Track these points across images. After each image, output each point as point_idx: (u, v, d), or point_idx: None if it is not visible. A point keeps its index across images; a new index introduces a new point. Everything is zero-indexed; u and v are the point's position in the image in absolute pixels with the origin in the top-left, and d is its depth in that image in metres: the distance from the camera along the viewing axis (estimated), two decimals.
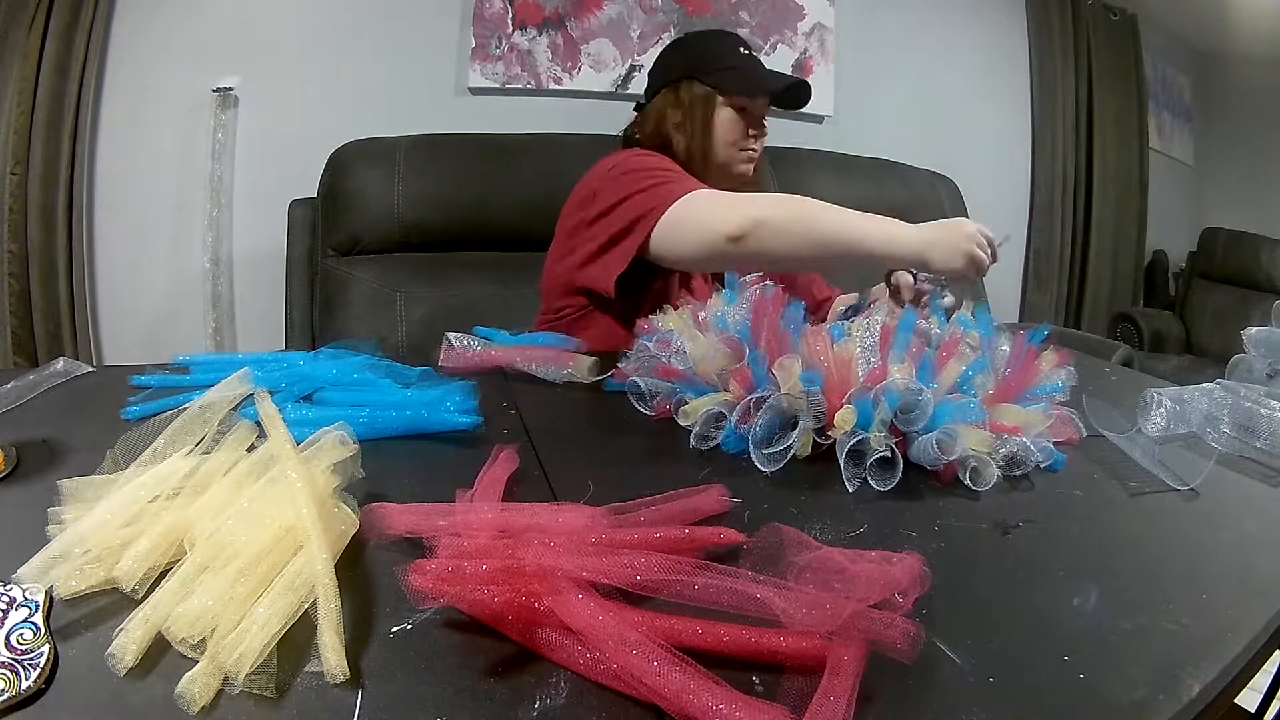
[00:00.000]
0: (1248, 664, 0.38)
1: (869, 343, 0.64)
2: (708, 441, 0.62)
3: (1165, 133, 3.33)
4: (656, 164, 1.03)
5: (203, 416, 0.57)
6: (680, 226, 0.93)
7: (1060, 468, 0.61)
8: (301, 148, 1.80)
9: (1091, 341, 2.27)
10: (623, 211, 0.97)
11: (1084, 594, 0.43)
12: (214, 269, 1.89)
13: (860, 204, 0.95)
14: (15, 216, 1.67)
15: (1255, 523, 0.54)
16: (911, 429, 0.58)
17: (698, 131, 1.09)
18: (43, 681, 0.32)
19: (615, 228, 0.97)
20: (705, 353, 0.66)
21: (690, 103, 1.10)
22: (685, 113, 1.10)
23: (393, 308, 1.62)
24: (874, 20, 2.45)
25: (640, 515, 0.46)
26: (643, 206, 0.95)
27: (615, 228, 0.97)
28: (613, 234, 0.97)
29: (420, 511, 0.45)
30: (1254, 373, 0.77)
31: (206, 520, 0.42)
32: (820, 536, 0.46)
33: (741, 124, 1.10)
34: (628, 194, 0.97)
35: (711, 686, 0.32)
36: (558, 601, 0.36)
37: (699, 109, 1.09)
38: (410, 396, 0.65)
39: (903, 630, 0.34)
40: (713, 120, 1.10)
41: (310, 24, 1.91)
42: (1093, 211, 2.95)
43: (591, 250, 1.00)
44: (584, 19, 2.12)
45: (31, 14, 1.63)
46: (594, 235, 1.00)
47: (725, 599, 0.37)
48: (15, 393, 0.66)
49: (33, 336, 1.73)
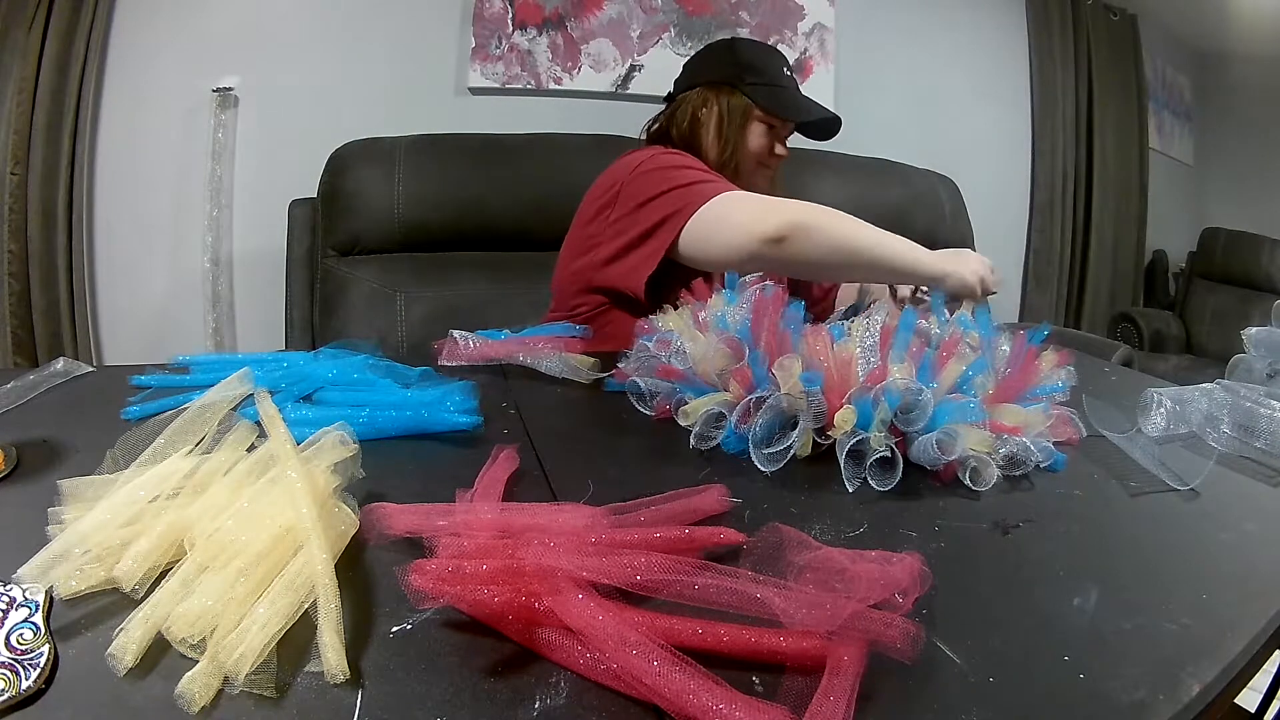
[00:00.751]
0: (1248, 664, 0.38)
1: (869, 343, 0.64)
2: (708, 441, 0.62)
3: (1165, 133, 3.33)
4: (687, 163, 1.03)
5: (203, 416, 0.57)
6: (715, 226, 0.93)
7: (1060, 468, 0.61)
8: (301, 148, 1.80)
9: (1091, 341, 2.27)
10: (652, 209, 0.96)
11: (1084, 594, 0.43)
12: (214, 269, 1.89)
13: (860, 204, 0.96)
14: (15, 216, 1.67)
15: (1255, 523, 0.54)
16: (911, 429, 0.58)
17: (730, 138, 1.10)
18: (43, 681, 0.32)
19: (643, 225, 0.96)
20: (705, 353, 0.66)
21: (728, 109, 1.10)
22: (720, 118, 1.10)
23: (393, 308, 1.62)
24: (874, 20, 2.45)
25: (640, 515, 0.46)
26: (674, 205, 0.95)
27: (643, 225, 0.96)
28: (641, 232, 0.96)
29: (420, 511, 0.45)
30: (1254, 373, 0.77)
31: (206, 520, 0.42)
32: (820, 536, 0.46)
33: (768, 141, 1.11)
34: (658, 191, 0.96)
35: (711, 686, 0.32)
36: (558, 601, 0.36)
37: (735, 118, 1.10)
38: (410, 396, 0.65)
39: (903, 630, 0.34)
40: (745, 132, 1.10)
41: (310, 24, 1.91)
42: (1093, 211, 2.95)
43: (617, 248, 0.99)
44: (584, 19, 2.12)
45: (31, 14, 1.63)
46: (619, 232, 0.99)
47: (725, 599, 0.37)
48: (15, 393, 0.66)
49: (33, 336, 1.73)
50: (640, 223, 0.97)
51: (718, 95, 1.10)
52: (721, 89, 1.10)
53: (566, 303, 1.08)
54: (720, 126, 1.10)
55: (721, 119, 1.10)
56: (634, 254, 0.97)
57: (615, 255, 0.99)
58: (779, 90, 1.11)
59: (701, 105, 1.11)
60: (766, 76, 1.11)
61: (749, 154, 1.11)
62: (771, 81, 1.10)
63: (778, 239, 0.89)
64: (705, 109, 1.11)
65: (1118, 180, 3.00)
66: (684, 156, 1.05)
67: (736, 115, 1.10)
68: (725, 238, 0.92)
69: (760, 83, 1.10)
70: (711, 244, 0.93)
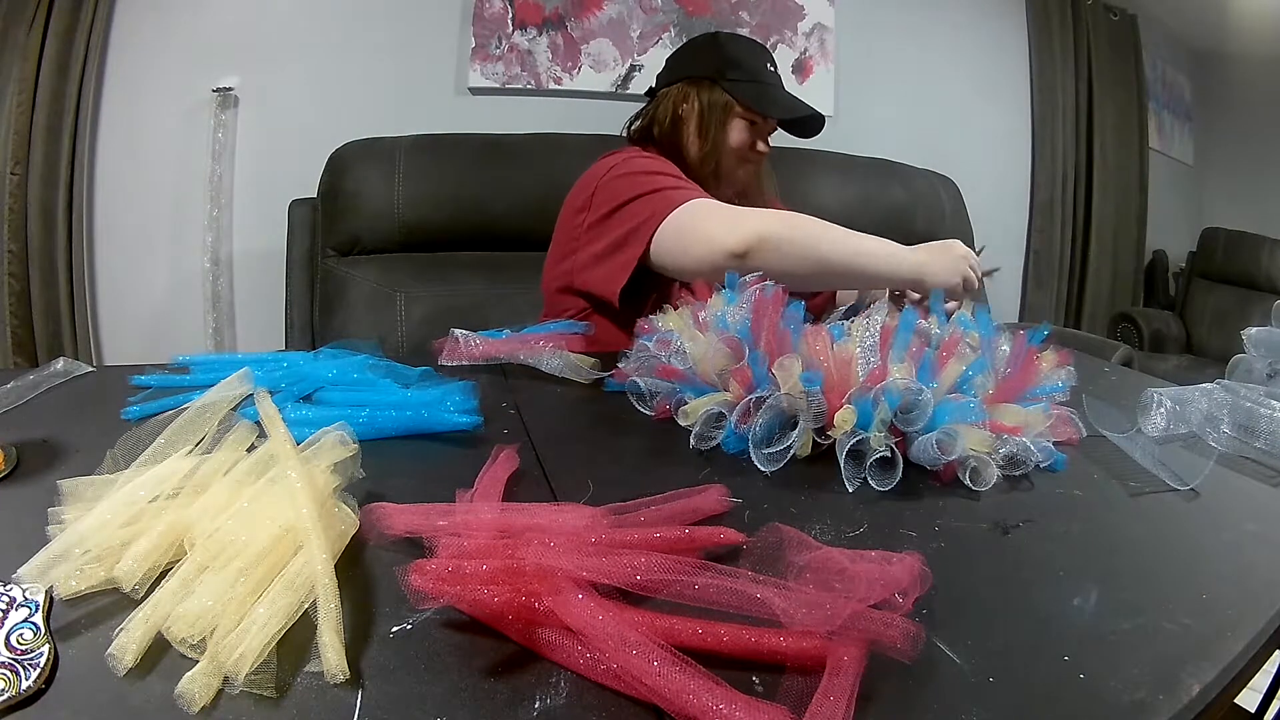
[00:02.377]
0: (1248, 664, 0.38)
1: (869, 342, 0.64)
2: (708, 442, 0.62)
3: (1165, 133, 3.33)
4: (656, 166, 1.02)
5: (203, 416, 0.57)
6: (682, 238, 0.92)
7: (1060, 468, 0.61)
8: (301, 148, 1.80)
9: (1091, 341, 2.27)
10: (621, 218, 0.96)
11: (1084, 594, 0.43)
12: (214, 269, 1.89)
13: (860, 204, 0.96)
14: (15, 216, 1.67)
15: (1255, 523, 0.54)
16: (911, 429, 0.58)
17: (710, 134, 1.09)
18: (43, 681, 0.32)
19: (615, 233, 0.96)
20: (705, 352, 0.66)
21: (709, 105, 1.08)
22: (701, 114, 1.09)
23: (393, 308, 1.62)
24: (874, 20, 2.45)
25: (640, 515, 0.46)
26: (641, 214, 0.94)
27: (615, 233, 0.96)
28: (613, 240, 0.97)
29: (420, 511, 0.45)
30: (1254, 373, 0.77)
31: (206, 520, 0.42)
32: (820, 536, 0.46)
33: (749, 137, 1.10)
34: (627, 198, 0.96)
35: (711, 686, 0.32)
36: (558, 601, 0.36)
37: (716, 114, 1.08)
38: (410, 396, 0.65)
39: (903, 630, 0.34)
40: (726, 128, 1.09)
41: (310, 24, 1.91)
42: (1093, 211, 2.95)
43: (593, 254, 0.99)
44: (584, 19, 2.12)
45: (31, 14, 1.63)
46: (594, 238, 0.99)
47: (725, 599, 0.37)
48: (15, 393, 0.66)
49: (33, 336, 1.74)
50: (612, 229, 0.97)
51: (699, 91, 1.09)
52: (703, 84, 1.09)
53: (553, 304, 1.08)
54: (701, 123, 1.09)
55: (703, 115, 1.09)
56: (609, 262, 0.97)
57: (592, 261, 0.99)
58: (761, 86, 1.09)
59: (683, 101, 1.10)
60: (749, 72, 1.09)
61: (730, 150, 1.10)
62: (754, 77, 1.09)
63: (742, 253, 0.88)
64: (686, 105, 1.09)
65: (1118, 180, 3.00)
66: (656, 160, 1.05)
67: (717, 111, 1.08)
68: (693, 251, 0.92)
69: (742, 79, 1.08)
70: (680, 256, 0.93)
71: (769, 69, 1.12)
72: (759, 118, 1.09)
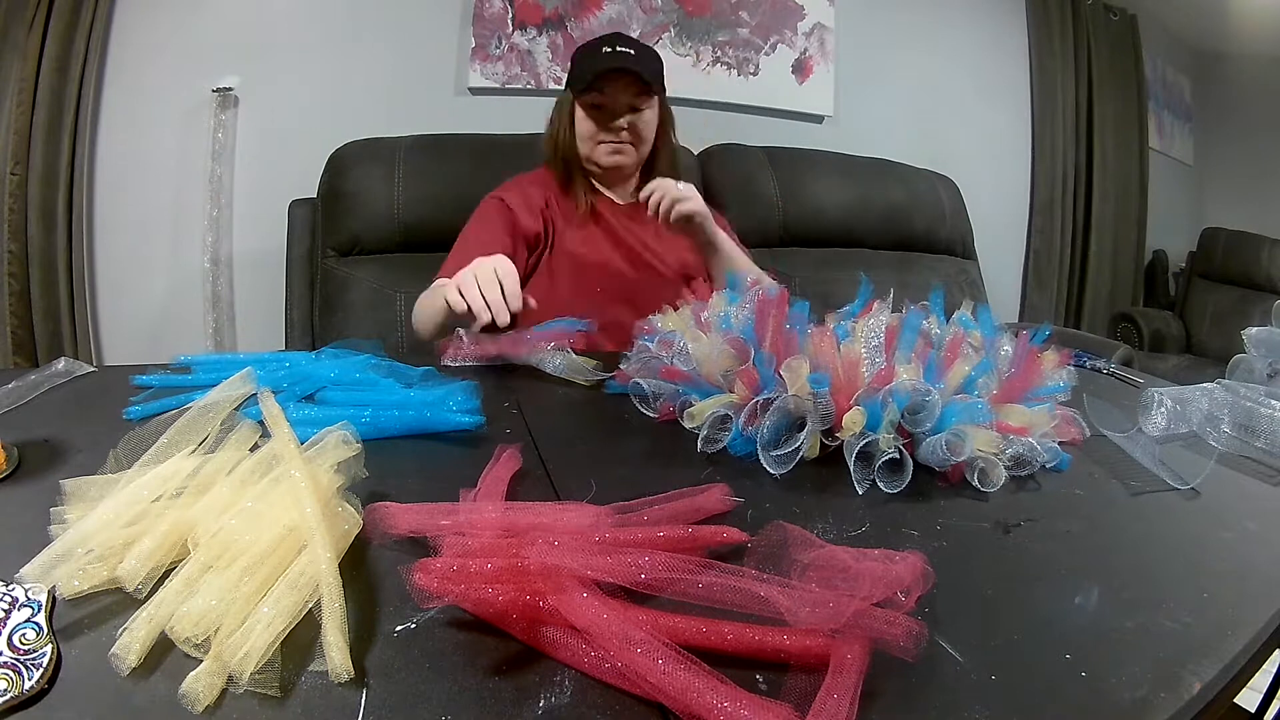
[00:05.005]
0: (1248, 663, 0.38)
1: (874, 343, 0.64)
2: (714, 444, 0.62)
3: (1165, 133, 3.34)
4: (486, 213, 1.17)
5: (205, 416, 0.57)
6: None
7: (1064, 467, 0.62)
8: (301, 148, 1.79)
9: (1091, 341, 2.26)
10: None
11: (1085, 593, 0.43)
12: (214, 269, 1.89)
13: (860, 204, 0.95)
14: (15, 216, 1.67)
15: (1256, 522, 0.54)
16: (919, 430, 0.58)
17: (562, 133, 1.21)
18: (46, 681, 0.32)
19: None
20: (709, 353, 0.66)
21: (559, 107, 1.23)
22: (554, 117, 1.24)
23: (393, 308, 1.61)
24: (874, 20, 2.45)
25: (644, 514, 0.46)
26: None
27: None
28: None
29: (424, 511, 0.45)
30: (1254, 373, 0.77)
31: (210, 519, 0.42)
32: (823, 535, 0.46)
33: (593, 123, 1.19)
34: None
35: (716, 685, 0.32)
36: (562, 600, 0.36)
37: (563, 112, 1.22)
38: (413, 396, 0.65)
39: (906, 629, 0.34)
40: (573, 121, 1.20)
41: (310, 24, 1.91)
42: (1093, 211, 2.95)
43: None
44: (584, 19, 2.12)
45: (31, 14, 1.63)
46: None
47: (729, 597, 0.37)
48: (17, 393, 0.66)
49: (33, 336, 1.73)
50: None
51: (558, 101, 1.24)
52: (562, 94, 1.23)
53: None
54: (554, 125, 1.23)
55: (555, 117, 1.23)
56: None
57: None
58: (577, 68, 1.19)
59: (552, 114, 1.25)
60: (581, 64, 1.19)
61: (582, 138, 1.20)
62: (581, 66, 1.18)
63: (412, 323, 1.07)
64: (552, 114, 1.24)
65: (1118, 180, 3.00)
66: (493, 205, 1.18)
67: (565, 108, 1.21)
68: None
69: (575, 72, 1.19)
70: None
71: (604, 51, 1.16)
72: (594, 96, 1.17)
